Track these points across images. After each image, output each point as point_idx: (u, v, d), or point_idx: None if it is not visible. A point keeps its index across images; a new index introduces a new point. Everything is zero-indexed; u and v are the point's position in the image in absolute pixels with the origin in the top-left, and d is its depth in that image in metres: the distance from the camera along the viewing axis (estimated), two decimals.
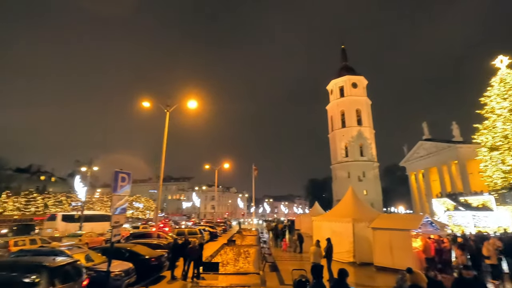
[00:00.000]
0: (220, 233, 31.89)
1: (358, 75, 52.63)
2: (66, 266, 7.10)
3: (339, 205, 18.27)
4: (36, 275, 6.50)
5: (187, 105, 18.41)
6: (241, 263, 14.68)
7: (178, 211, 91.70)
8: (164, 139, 18.07)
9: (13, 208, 45.16)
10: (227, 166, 41.56)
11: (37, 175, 77.02)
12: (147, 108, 18.52)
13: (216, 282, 11.04)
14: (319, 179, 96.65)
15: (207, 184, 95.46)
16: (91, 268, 8.69)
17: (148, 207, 67.47)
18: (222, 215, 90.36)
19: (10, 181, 63.96)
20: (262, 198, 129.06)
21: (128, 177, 6.83)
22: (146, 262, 10.84)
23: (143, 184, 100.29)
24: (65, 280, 6.81)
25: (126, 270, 9.15)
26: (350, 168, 48.36)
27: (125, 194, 6.80)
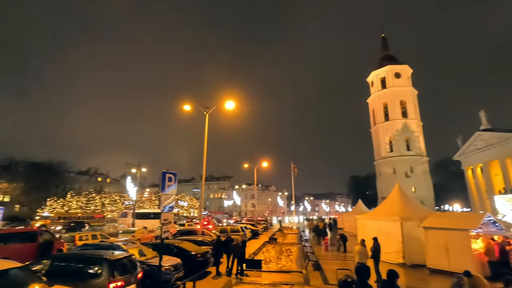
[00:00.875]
0: (261, 231, 32.20)
1: (401, 64, 49.22)
2: (123, 259, 7.75)
3: (385, 202, 17.31)
4: (98, 267, 7.21)
5: (225, 106, 18.90)
6: (283, 261, 14.68)
7: (220, 209, 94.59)
8: (205, 140, 18.74)
9: (76, 207, 50.45)
10: (265, 165, 41.80)
11: (94, 177, 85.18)
12: (188, 111, 19.40)
13: (260, 279, 11.19)
14: (361, 176, 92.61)
15: (246, 182, 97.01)
16: (144, 262, 9.36)
17: (192, 205, 70.62)
18: (262, 213, 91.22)
19: (73, 182, 71.59)
20: (302, 196, 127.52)
21: (174, 177, 7.24)
22: (192, 258, 11.37)
23: (186, 184, 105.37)
24: (123, 272, 7.44)
25: (175, 265, 9.70)
26: (396, 163, 45.47)
27: (172, 193, 7.22)
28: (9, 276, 5.66)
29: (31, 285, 5.65)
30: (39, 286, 5.67)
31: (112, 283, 6.94)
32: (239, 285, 10.46)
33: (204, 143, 18.67)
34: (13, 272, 5.77)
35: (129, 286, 7.45)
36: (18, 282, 5.65)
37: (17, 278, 5.73)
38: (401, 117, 46.28)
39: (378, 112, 49.30)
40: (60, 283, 6.04)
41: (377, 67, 50.62)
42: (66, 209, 48.99)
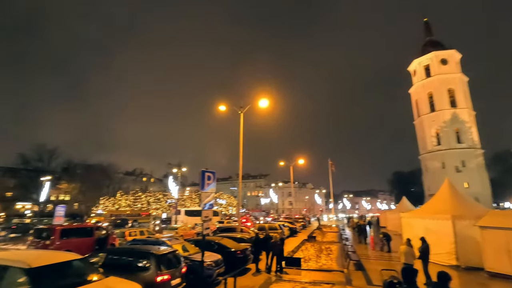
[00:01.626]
0: (299, 229, 31.91)
1: (447, 49, 45.20)
2: (168, 254, 8.21)
3: (433, 200, 16.10)
4: (147, 261, 7.72)
5: (259, 104, 18.99)
6: (323, 259, 14.40)
7: (257, 207, 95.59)
8: (240, 139, 19.05)
9: (125, 205, 54.49)
10: (301, 162, 41.24)
11: (140, 177, 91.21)
12: (224, 111, 19.85)
13: (299, 277, 11.10)
14: (405, 172, 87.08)
15: (283, 180, 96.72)
16: (187, 258, 9.80)
17: (230, 203, 72.32)
18: (299, 211, 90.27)
19: (121, 182, 77.34)
20: (340, 193, 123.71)
21: (213, 176, 7.49)
22: (232, 255, 11.65)
23: (224, 182, 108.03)
24: (168, 266, 7.89)
25: (216, 261, 10.03)
26: (445, 157, 41.95)
27: (212, 191, 7.47)
28: (72, 266, 6.31)
29: (91, 275, 6.23)
30: (97, 276, 6.23)
31: (159, 276, 7.39)
32: (279, 282, 10.48)
33: (240, 142, 18.98)
34: (75, 263, 6.42)
35: (174, 280, 7.87)
36: (80, 272, 6.27)
37: (79, 268, 6.36)
38: (449, 107, 42.55)
39: (422, 103, 45.89)
40: (115, 275, 6.57)
41: (420, 54, 47.07)
42: (116, 207, 53.18)
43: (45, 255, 6.46)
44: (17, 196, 62.02)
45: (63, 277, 5.84)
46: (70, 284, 5.56)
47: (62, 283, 5.52)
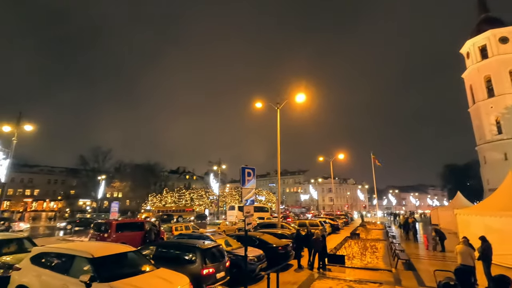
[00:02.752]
0: (341, 225, 30.99)
1: (508, 26, 40.04)
2: (212, 248, 8.53)
3: (495, 194, 14.50)
4: (193, 254, 8.11)
5: (296, 99, 18.71)
6: (368, 257, 13.81)
7: (297, 203, 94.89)
8: (278, 135, 19.01)
9: (171, 201, 57.75)
10: (342, 157, 39.88)
11: (183, 175, 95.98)
12: (260, 108, 19.94)
13: (344, 275, 10.79)
14: (459, 165, 79.40)
15: (322, 176, 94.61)
16: (230, 252, 10.09)
17: (269, 199, 72.78)
18: (341, 208, 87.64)
19: (167, 180, 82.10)
20: (385, 189, 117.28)
21: (253, 172, 7.61)
22: (274, 250, 11.72)
23: (262, 179, 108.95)
24: (213, 260, 8.20)
25: (258, 256, 10.18)
26: (507, 147, 37.38)
27: (252, 187, 7.59)
28: (128, 257, 6.88)
29: (144, 266, 6.73)
30: (149, 267, 6.71)
31: (205, 269, 7.72)
32: (322, 279, 10.30)
33: (277, 138, 18.94)
34: (130, 254, 6.99)
35: (219, 273, 8.16)
36: (134, 263, 6.81)
37: (133, 259, 6.92)
38: None
39: (478, 88, 41.36)
40: (164, 266, 7.01)
41: (474, 34, 42.35)
42: (163, 203, 56.63)
43: (105, 247, 7.13)
44: (79, 193, 69.33)
45: (120, 266, 6.41)
46: (126, 274, 6.06)
47: (120, 272, 6.04)
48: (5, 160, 20.12)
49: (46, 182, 73.39)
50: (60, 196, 71.68)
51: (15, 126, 20.12)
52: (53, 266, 6.47)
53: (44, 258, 6.79)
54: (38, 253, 6.99)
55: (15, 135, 19.89)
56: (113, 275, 5.80)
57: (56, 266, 6.43)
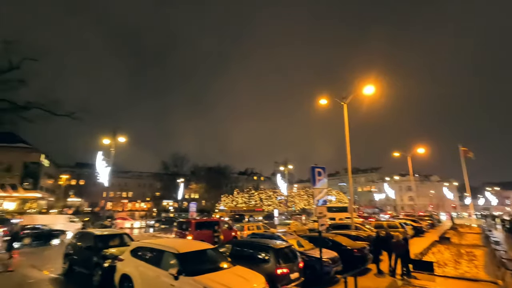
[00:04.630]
0: (426, 228, 27.60)
1: None
2: (285, 249, 8.54)
3: None
4: (266, 254, 8.25)
5: (364, 92, 17.44)
6: (464, 266, 11.95)
7: (371, 203, 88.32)
8: (346, 131, 18.01)
9: (241, 202, 60.32)
10: (422, 151, 35.47)
11: (251, 176, 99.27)
12: (325, 105, 19.22)
13: (433, 284, 9.55)
14: None
15: (399, 173, 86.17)
16: (303, 253, 9.93)
17: (339, 199, 69.67)
18: (424, 208, 78.19)
19: (236, 182, 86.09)
20: (481, 186, 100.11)
21: (323, 171, 7.36)
22: (349, 253, 11.10)
23: (331, 178, 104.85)
24: (286, 260, 8.20)
25: (332, 258, 9.78)
26: None
27: (323, 187, 7.34)
28: (207, 254, 7.41)
29: (222, 263, 7.14)
30: (226, 264, 7.08)
31: (279, 268, 7.77)
32: (407, 287, 9.31)
33: (346, 135, 17.95)
34: (209, 251, 7.52)
35: (293, 274, 8.11)
36: (213, 259, 7.29)
37: (212, 256, 7.41)
38: None
39: None
40: (239, 264, 7.31)
41: None
42: (234, 203, 59.53)
43: (188, 243, 7.84)
44: (163, 195, 78.03)
45: (201, 262, 6.94)
46: (207, 269, 6.53)
47: (201, 268, 6.54)
48: (107, 168, 24.01)
49: (137, 186, 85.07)
50: (148, 198, 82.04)
51: (112, 139, 23.85)
52: (147, 259, 7.38)
53: (140, 251, 7.81)
54: (135, 247, 8.09)
55: (112, 146, 23.53)
56: (196, 270, 6.31)
57: (149, 259, 7.32)
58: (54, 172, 63.80)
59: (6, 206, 46.46)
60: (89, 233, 10.84)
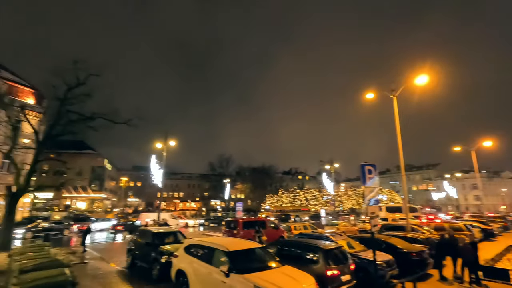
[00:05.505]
0: (497, 231, 24.42)
1: None
2: (334, 250, 8.27)
3: None
4: (315, 254, 8.08)
5: (416, 82, 16.07)
6: None
7: (428, 203, 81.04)
8: (396, 126, 16.79)
9: (286, 201, 60.02)
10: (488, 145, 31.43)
11: (296, 175, 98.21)
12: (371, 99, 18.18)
13: None
14: None
15: (461, 170, 77.65)
16: (354, 255, 9.50)
17: (391, 199, 65.29)
18: (494, 208, 69.28)
19: (281, 181, 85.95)
20: None
21: (374, 169, 6.96)
22: (405, 256, 10.31)
23: (382, 176, 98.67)
24: (336, 262, 7.92)
25: (387, 261, 9.19)
26: None
27: (375, 186, 6.94)
28: (256, 253, 7.52)
29: (270, 262, 7.18)
30: (275, 264, 7.10)
31: (329, 270, 7.55)
32: None
33: (396, 129, 16.74)
34: (257, 250, 7.62)
35: (344, 276, 7.81)
36: (261, 258, 7.37)
37: (261, 255, 7.50)
38: None
39: None
40: (287, 264, 7.26)
41: None
42: (279, 203, 59.49)
43: (237, 242, 8.05)
44: (211, 195, 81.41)
45: (250, 261, 7.07)
46: (256, 268, 6.62)
47: (250, 266, 6.65)
48: (160, 170, 25.82)
49: (187, 186, 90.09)
50: (198, 198, 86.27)
51: (163, 143, 25.58)
52: (199, 256, 7.76)
53: (192, 248, 8.24)
54: (188, 244, 8.56)
55: (164, 150, 25.23)
56: (246, 268, 6.44)
57: (201, 256, 7.69)
58: (115, 175, 70.73)
59: (78, 205, 52.89)
60: (148, 231, 11.76)
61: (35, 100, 30.25)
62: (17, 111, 16.85)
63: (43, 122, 18.97)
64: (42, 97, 28.52)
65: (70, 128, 16.97)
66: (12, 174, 20.53)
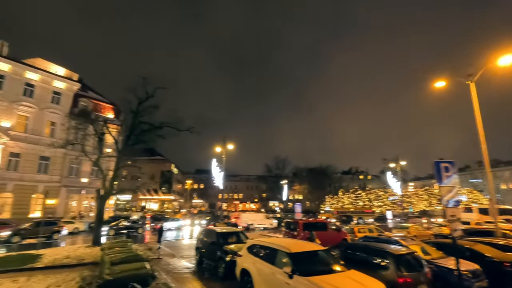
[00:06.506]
0: None
1: None
2: (407, 255, 7.57)
3: None
4: (384, 260, 7.51)
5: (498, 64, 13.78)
6: None
7: None
8: (476, 116, 14.61)
9: (348, 203, 57.20)
10: None
11: (356, 175, 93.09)
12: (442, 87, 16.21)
13: None
14: None
15: None
16: (431, 262, 8.56)
17: (473, 199, 57.00)
18: None
19: (340, 181, 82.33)
20: None
21: (452, 166, 6.17)
22: (495, 266, 8.88)
23: (460, 174, 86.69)
24: (409, 269, 7.24)
25: (473, 271, 8.04)
26: None
27: (453, 185, 6.15)
28: (319, 255, 7.33)
29: (334, 265, 6.92)
30: (339, 267, 6.81)
31: (401, 278, 6.95)
32: None
33: (476, 120, 14.57)
34: (321, 253, 7.42)
35: (420, 285, 7.10)
36: (325, 261, 7.14)
37: (324, 258, 7.28)
38: None
39: None
40: (353, 269, 6.89)
41: None
42: (340, 204, 57.01)
43: (299, 244, 7.97)
44: (269, 196, 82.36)
45: (314, 263, 6.92)
46: (320, 271, 6.45)
47: (314, 268, 6.51)
48: (221, 173, 27.16)
49: (245, 188, 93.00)
50: (256, 199, 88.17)
51: (222, 147, 26.86)
52: (261, 256, 7.90)
53: (254, 249, 8.43)
54: (251, 244, 8.79)
55: (223, 153, 26.48)
56: (309, 270, 6.32)
57: (263, 256, 7.81)
58: (181, 178, 76.79)
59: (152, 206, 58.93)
60: (213, 230, 12.45)
61: (114, 114, 34.84)
62: (101, 125, 19.65)
63: (121, 133, 21.74)
64: (119, 111, 32.71)
65: (142, 137, 19.11)
66: (99, 179, 23.97)
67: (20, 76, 28.22)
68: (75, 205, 32.47)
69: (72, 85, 32.28)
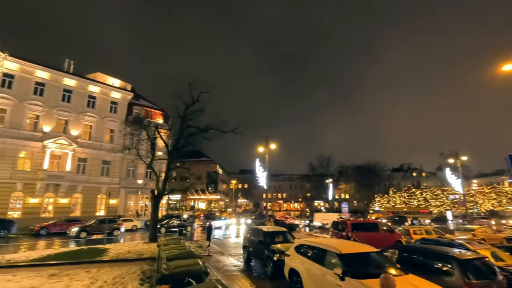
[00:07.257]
0: None
1: None
2: (475, 260, 6.80)
3: None
4: (448, 264, 6.83)
5: None
6: None
7: None
8: None
9: (400, 202, 53.44)
10: None
11: (409, 172, 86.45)
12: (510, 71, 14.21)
13: None
14: None
15: None
16: (504, 269, 7.59)
17: None
18: None
19: (391, 179, 77.14)
20: None
21: None
22: None
23: None
24: (479, 276, 6.49)
25: None
26: None
27: None
28: (371, 257, 6.95)
29: (389, 268, 6.48)
30: (396, 271, 6.36)
31: (468, 286, 6.25)
32: None
33: None
34: (373, 255, 7.03)
35: None
36: (379, 264, 6.73)
37: (377, 260, 6.88)
38: None
39: None
40: (411, 273, 6.38)
41: None
42: (391, 204, 53.50)
43: (350, 245, 7.67)
44: (314, 195, 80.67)
45: (366, 265, 6.58)
46: (373, 274, 6.07)
47: (367, 271, 6.17)
48: (264, 172, 27.34)
49: (289, 187, 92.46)
50: (300, 199, 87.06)
51: (265, 147, 27.02)
52: (310, 256, 7.76)
53: (302, 249, 8.32)
54: (299, 244, 8.69)
55: (266, 153, 26.62)
56: (361, 273, 6.02)
57: (312, 257, 7.66)
58: (226, 178, 79.19)
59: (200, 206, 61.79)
60: (259, 229, 12.59)
61: (163, 120, 37.33)
62: (153, 130, 21.17)
63: (170, 137, 23.21)
64: (168, 116, 34.94)
65: (190, 140, 20.14)
66: (153, 180, 25.86)
67: (84, 90, 31.86)
68: (132, 205, 35.53)
69: (126, 95, 35.44)
